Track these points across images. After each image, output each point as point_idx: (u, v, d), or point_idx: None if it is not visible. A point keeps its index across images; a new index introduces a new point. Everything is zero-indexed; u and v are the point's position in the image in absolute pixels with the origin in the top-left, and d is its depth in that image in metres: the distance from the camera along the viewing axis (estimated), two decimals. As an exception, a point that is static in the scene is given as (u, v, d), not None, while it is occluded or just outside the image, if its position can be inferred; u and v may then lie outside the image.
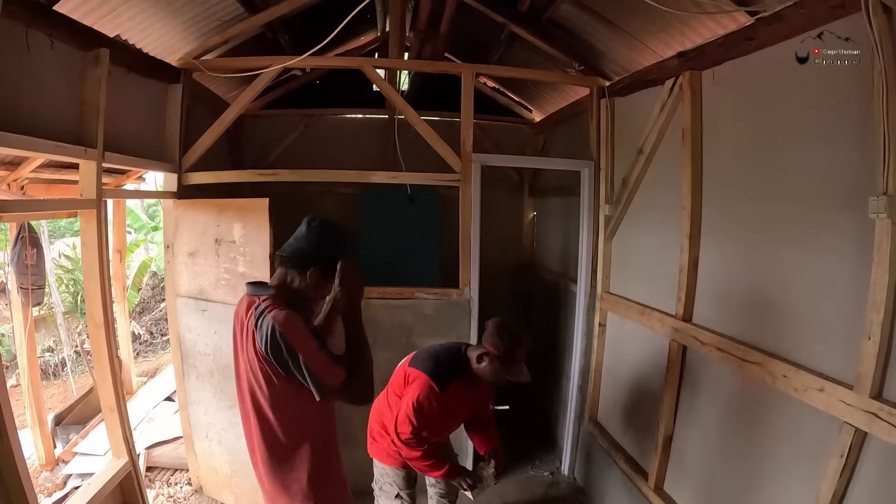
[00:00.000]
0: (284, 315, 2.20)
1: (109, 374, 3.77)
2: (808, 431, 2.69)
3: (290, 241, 2.42)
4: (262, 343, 2.20)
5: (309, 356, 2.18)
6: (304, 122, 6.71)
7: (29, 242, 5.40)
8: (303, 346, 2.18)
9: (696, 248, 3.62)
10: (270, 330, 2.17)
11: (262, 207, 4.16)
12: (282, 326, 2.17)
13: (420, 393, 3.05)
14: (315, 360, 2.20)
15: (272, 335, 2.17)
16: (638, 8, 3.15)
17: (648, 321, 4.08)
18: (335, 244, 2.40)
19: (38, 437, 5.36)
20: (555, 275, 6.24)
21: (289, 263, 2.39)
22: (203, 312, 4.45)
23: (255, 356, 2.27)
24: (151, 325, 11.50)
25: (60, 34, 3.17)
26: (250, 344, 2.29)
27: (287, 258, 2.38)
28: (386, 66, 5.74)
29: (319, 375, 2.21)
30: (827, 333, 2.62)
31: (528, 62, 5.86)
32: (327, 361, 2.23)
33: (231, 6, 4.40)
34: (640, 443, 4.29)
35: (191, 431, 4.75)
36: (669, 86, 3.84)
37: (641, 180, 4.36)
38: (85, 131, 3.45)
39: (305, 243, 2.38)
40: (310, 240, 2.38)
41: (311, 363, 2.19)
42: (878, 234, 2.27)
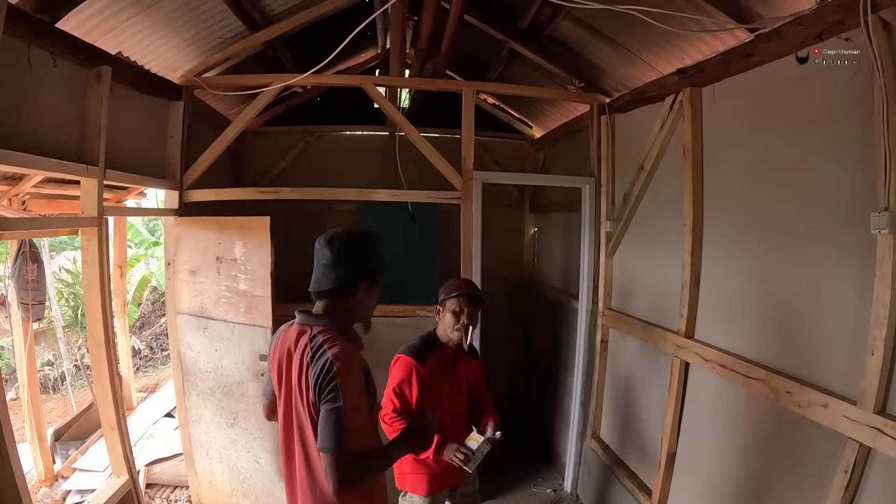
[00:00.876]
0: (340, 348, 2.06)
1: (110, 391, 3.76)
2: (812, 447, 2.67)
3: (323, 272, 2.22)
4: (315, 378, 2.04)
5: (349, 401, 2.01)
6: (305, 138, 6.72)
7: (30, 258, 5.41)
8: (348, 387, 2.02)
9: (697, 264, 3.61)
10: (328, 365, 2.02)
11: (264, 226, 4.16)
12: (339, 362, 2.02)
13: (399, 371, 3.08)
14: (352, 407, 2.03)
15: (328, 370, 2.01)
16: (637, 25, 3.16)
17: (651, 338, 4.07)
18: (369, 249, 2.27)
19: (38, 452, 5.34)
20: (556, 291, 6.23)
21: (334, 295, 2.22)
22: (204, 330, 4.44)
23: (306, 391, 2.09)
24: (151, 339, 11.50)
25: (62, 52, 3.19)
26: (304, 379, 2.11)
27: (330, 292, 2.21)
28: (387, 83, 5.76)
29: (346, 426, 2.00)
30: (830, 349, 2.62)
31: (529, 79, 5.89)
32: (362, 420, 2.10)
33: (233, 24, 4.42)
34: (643, 459, 4.26)
35: (191, 449, 4.72)
36: (670, 102, 3.86)
37: (642, 196, 4.36)
38: (86, 149, 3.46)
39: (342, 266, 2.20)
40: (343, 261, 2.20)
41: (347, 408, 2.00)
42: (881, 250, 2.27)
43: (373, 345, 2.54)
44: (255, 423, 4.35)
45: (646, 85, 4.19)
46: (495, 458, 3.24)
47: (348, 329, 2.24)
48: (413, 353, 3.10)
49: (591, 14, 3.94)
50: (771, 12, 2.90)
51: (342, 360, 2.03)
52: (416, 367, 3.04)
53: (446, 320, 3.16)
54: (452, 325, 3.14)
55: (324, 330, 2.14)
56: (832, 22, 2.44)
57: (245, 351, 4.28)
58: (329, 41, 3.96)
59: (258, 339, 4.20)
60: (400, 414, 3.02)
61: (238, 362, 4.32)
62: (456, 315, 3.14)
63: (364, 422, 2.11)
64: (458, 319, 3.13)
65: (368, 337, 2.38)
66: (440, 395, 3.13)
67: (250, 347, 4.25)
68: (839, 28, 2.44)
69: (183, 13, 3.97)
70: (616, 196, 4.78)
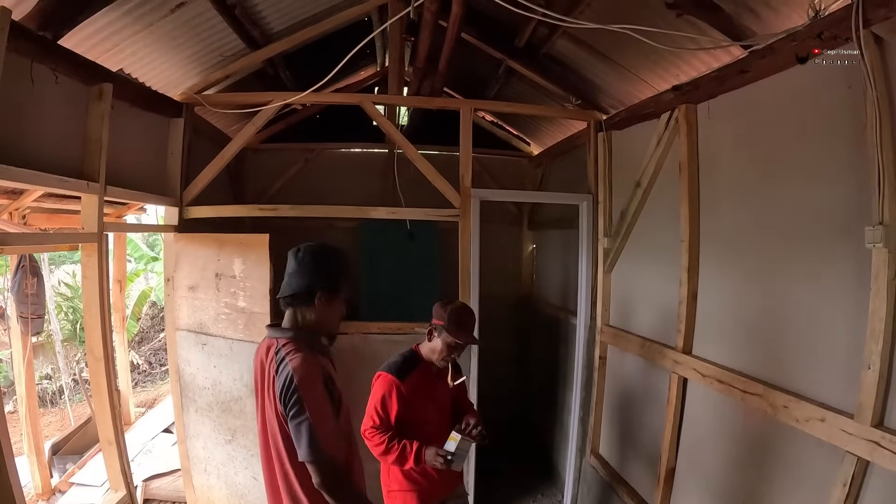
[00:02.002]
0: (300, 360, 2.15)
1: (108, 406, 3.74)
2: (810, 461, 2.67)
3: (287, 281, 2.37)
4: (280, 391, 2.14)
5: (314, 411, 2.10)
6: (304, 156, 6.74)
7: (29, 272, 5.42)
8: (310, 398, 2.11)
9: (695, 280, 3.63)
10: (289, 379, 2.12)
11: (263, 243, 4.18)
12: (298, 374, 2.11)
13: (380, 388, 3.08)
14: (318, 416, 2.11)
15: (289, 382, 2.11)
16: (633, 42, 3.19)
17: (649, 354, 4.07)
18: (329, 262, 2.40)
19: (35, 465, 5.33)
20: (555, 308, 6.23)
21: (295, 302, 2.35)
22: (203, 346, 4.44)
23: (274, 402, 2.20)
24: (150, 354, 11.50)
25: (64, 69, 3.21)
26: (271, 390, 2.23)
27: (291, 298, 2.35)
28: (385, 102, 5.80)
29: (318, 434, 2.09)
30: (827, 363, 2.62)
31: (526, 96, 5.94)
32: (331, 426, 2.16)
33: (233, 42, 4.46)
34: (642, 475, 4.24)
35: (189, 465, 4.70)
36: (666, 119, 3.88)
37: (639, 213, 4.38)
38: (87, 165, 3.47)
39: (302, 275, 2.35)
40: (304, 270, 2.35)
41: (314, 419, 2.09)
42: (875, 264, 2.29)
43: (372, 361, 2.57)
44: (252, 440, 4.32)
45: (642, 102, 4.23)
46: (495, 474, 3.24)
47: (314, 341, 2.33)
48: (394, 370, 3.11)
49: (587, 32, 3.98)
50: (764, 29, 2.94)
51: (301, 373, 2.12)
52: (397, 384, 3.06)
53: (438, 347, 3.15)
54: (442, 355, 3.15)
55: (287, 342, 2.26)
56: (825, 38, 2.47)
57: (243, 367, 4.28)
58: (328, 59, 4.00)
59: (257, 355, 4.19)
60: (378, 429, 3.03)
61: (236, 378, 4.32)
62: (450, 349, 3.14)
63: (332, 427, 2.18)
64: (450, 353, 3.15)
65: (367, 353, 2.42)
66: (426, 411, 3.15)
67: (249, 364, 4.22)
68: (832, 44, 2.46)
69: (184, 31, 4.02)
70: (613, 213, 4.80)
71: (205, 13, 3.94)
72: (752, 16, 3.01)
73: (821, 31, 2.47)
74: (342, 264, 2.44)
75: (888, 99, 2.27)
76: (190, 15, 3.87)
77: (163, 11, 3.66)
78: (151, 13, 3.61)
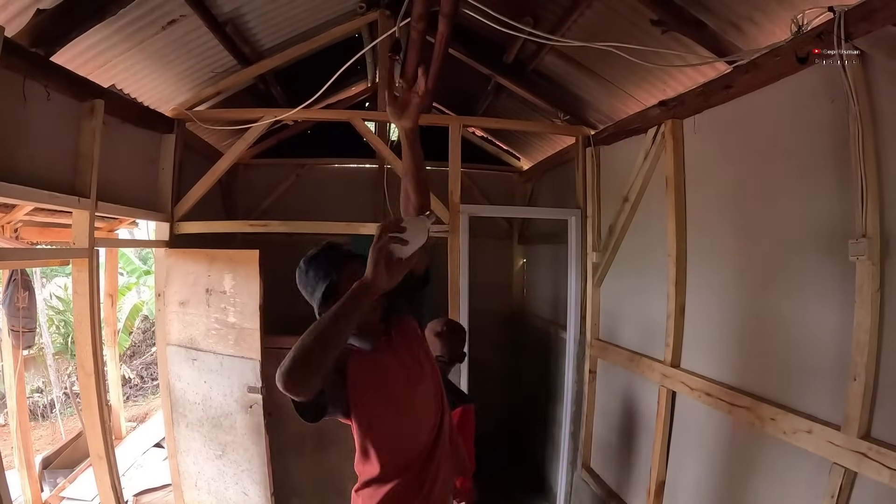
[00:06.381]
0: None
1: (99, 422, 3.73)
2: (798, 473, 2.68)
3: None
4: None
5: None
6: (295, 171, 6.73)
7: (21, 285, 5.40)
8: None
9: (682, 294, 3.65)
10: None
11: (253, 259, 4.19)
12: None
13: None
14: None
15: None
16: (619, 58, 3.23)
17: (638, 367, 4.09)
18: (300, 284, 2.31)
19: (26, 479, 5.27)
20: (545, 322, 6.24)
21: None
22: (193, 362, 4.43)
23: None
24: (142, 368, 11.42)
25: (57, 85, 3.22)
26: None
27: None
28: (375, 118, 5.82)
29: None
30: (813, 375, 2.64)
31: (515, 112, 5.98)
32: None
33: (224, 59, 4.50)
34: (633, 488, 4.24)
35: (180, 480, 4.67)
36: (652, 134, 3.92)
37: (627, 227, 4.41)
38: (79, 181, 3.47)
39: (304, 290, 2.29)
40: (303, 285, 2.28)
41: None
42: (860, 277, 2.32)
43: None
44: (243, 455, 4.33)
45: (629, 117, 4.26)
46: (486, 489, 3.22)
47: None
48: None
49: (575, 48, 4.03)
50: (748, 44, 2.99)
51: None
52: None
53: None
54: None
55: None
56: (808, 53, 2.50)
57: (234, 383, 4.27)
58: (320, 75, 4.03)
59: (247, 371, 4.20)
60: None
61: (227, 394, 4.31)
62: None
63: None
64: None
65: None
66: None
67: (239, 379, 4.24)
68: (814, 58, 2.50)
69: (175, 48, 4.05)
70: (602, 227, 4.83)
71: (196, 30, 3.97)
72: (737, 31, 3.06)
73: (804, 45, 2.50)
74: (303, 278, 2.33)
75: (870, 113, 2.31)
76: (181, 32, 3.90)
77: (154, 28, 3.69)
78: (143, 30, 3.64)
